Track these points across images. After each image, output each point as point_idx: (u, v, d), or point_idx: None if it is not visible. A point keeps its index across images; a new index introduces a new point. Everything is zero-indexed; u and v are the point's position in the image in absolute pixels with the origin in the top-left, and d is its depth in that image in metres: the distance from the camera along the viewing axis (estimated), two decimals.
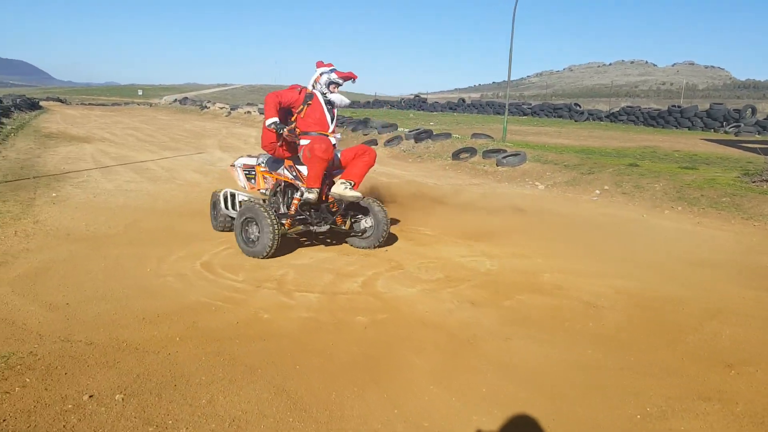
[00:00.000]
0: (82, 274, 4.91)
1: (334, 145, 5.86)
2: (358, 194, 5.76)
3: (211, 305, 4.32)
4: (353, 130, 21.16)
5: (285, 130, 5.65)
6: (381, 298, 4.67)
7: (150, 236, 6.37)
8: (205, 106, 40.07)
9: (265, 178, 6.33)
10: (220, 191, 6.57)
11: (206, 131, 24.58)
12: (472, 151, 14.57)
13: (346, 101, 6.11)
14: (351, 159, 5.92)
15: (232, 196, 6.44)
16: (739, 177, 9.69)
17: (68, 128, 22.95)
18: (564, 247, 6.45)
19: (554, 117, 35.09)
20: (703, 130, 24.91)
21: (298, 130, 5.77)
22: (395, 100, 51.87)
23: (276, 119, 5.68)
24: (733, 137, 21.92)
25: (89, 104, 58.54)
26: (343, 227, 6.11)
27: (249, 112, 31.30)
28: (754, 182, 9.06)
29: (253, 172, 6.48)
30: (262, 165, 6.35)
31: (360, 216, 6.18)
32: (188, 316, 4.09)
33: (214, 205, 6.65)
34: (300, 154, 5.84)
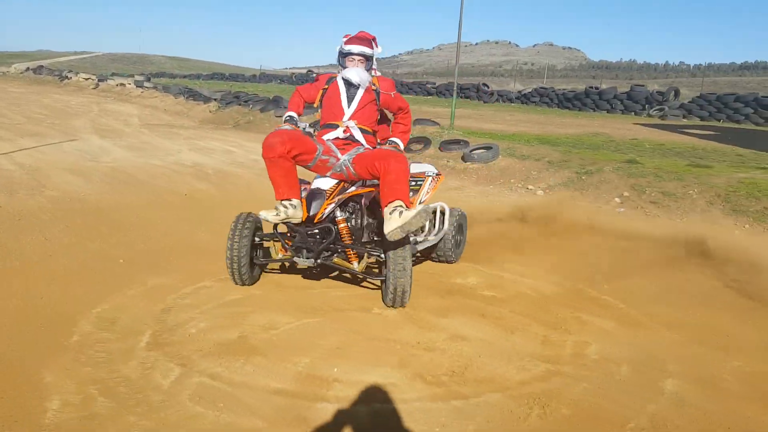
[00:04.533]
0: None
1: (308, 132, 4.17)
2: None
3: None
4: (262, 111, 17.89)
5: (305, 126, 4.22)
6: None
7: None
8: (66, 77, 34.03)
9: None
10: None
11: (72, 108, 19.99)
12: (425, 141, 12.09)
13: (365, 76, 4.26)
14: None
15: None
16: None
17: None
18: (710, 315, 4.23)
19: (460, 97, 33.64)
20: (623, 113, 24.26)
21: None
22: (285, 75, 48.03)
23: (291, 113, 4.24)
24: (659, 121, 21.38)
25: None
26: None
27: (123, 84, 26.42)
28: None
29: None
30: None
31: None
32: None
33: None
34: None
